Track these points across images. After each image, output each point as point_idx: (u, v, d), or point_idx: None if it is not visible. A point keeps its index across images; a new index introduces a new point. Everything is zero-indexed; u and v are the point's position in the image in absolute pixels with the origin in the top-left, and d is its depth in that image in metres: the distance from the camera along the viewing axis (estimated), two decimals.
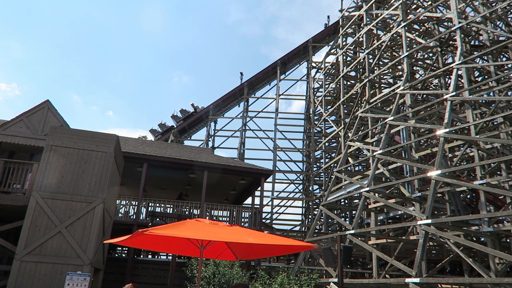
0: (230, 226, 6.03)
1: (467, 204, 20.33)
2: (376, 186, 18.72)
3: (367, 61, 25.00)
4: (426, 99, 25.35)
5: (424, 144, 23.70)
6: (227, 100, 37.83)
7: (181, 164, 19.36)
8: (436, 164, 15.65)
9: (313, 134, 35.35)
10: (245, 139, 36.55)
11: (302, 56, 39.99)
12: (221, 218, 21.73)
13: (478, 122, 17.24)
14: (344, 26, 30.83)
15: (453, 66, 18.46)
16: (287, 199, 36.53)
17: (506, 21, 22.67)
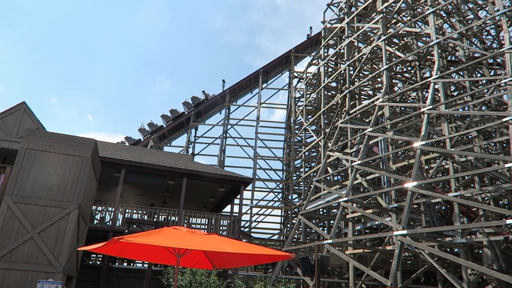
0: (208, 235, 5.98)
1: (441, 215, 20.76)
2: (354, 196, 18.93)
3: (348, 73, 25.41)
4: (404, 111, 25.90)
5: (401, 156, 24.16)
6: (209, 107, 37.76)
7: (160, 171, 19.13)
8: (412, 175, 15.95)
9: (293, 143, 35.57)
10: (225, 147, 36.50)
11: (284, 65, 40.35)
12: (200, 225, 21.52)
13: (453, 136, 17.72)
14: (326, 38, 31.29)
15: (430, 80, 18.95)
16: (266, 208, 36.53)
17: (481, 38, 23.48)
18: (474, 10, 24.56)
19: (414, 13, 24.38)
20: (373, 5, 26.44)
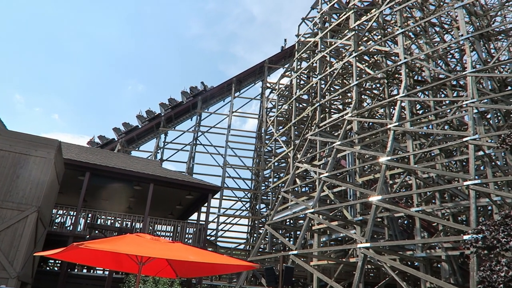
0: (172, 243, 5.89)
1: (404, 229, 21.34)
2: (321, 208, 19.17)
3: (319, 86, 25.90)
4: (371, 127, 26.60)
5: (367, 170, 24.73)
6: (180, 113, 37.36)
7: (126, 175, 18.68)
8: (377, 190, 16.35)
9: (263, 153, 35.71)
10: (195, 154, 36.17)
11: (257, 75, 40.63)
12: (165, 233, 21.12)
13: (417, 152, 18.35)
14: (300, 51, 31.82)
15: (397, 98, 19.59)
16: (233, 217, 36.34)
17: (446, 60, 24.56)
18: (441, 34, 25.71)
19: (384, 32, 25.23)
20: (346, 22, 27.17)
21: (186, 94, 37.11)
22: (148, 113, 36.20)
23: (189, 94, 37.09)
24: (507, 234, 5.77)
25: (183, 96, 37.15)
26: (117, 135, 35.01)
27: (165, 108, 36.37)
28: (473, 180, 13.85)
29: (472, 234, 6.50)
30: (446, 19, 27.11)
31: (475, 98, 16.02)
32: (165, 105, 36.47)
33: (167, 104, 36.52)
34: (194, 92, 37.16)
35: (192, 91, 37.28)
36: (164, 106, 36.40)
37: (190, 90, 37.42)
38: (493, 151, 16.59)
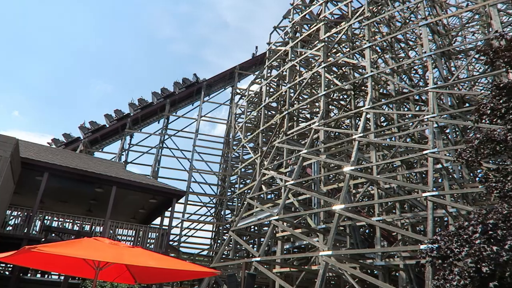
0: (132, 248, 5.75)
1: (365, 238, 21.83)
2: (285, 216, 19.30)
3: (288, 95, 26.20)
4: (337, 136, 27.14)
5: (332, 179, 25.17)
6: (147, 115, 36.67)
7: (88, 177, 18.09)
8: (340, 198, 16.65)
9: (230, 159, 35.61)
10: (161, 157, 35.59)
11: (228, 81, 40.60)
12: (126, 237, 20.56)
13: (380, 163, 18.87)
14: (270, 59, 32.11)
15: (363, 109, 20.12)
16: (197, 222, 35.93)
17: (409, 76, 25.52)
18: (406, 50, 26.70)
19: (353, 45, 25.92)
20: (317, 33, 27.72)
21: (157, 95, 36.53)
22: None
23: (160, 95, 36.55)
24: (460, 244, 6.01)
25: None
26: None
27: (135, 108, 35.64)
28: (431, 191, 14.37)
29: (428, 244, 6.73)
30: (411, 36, 28.23)
31: (436, 113, 16.70)
32: (135, 105, 35.74)
33: (136, 105, 35.81)
34: (165, 93, 36.64)
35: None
36: (133, 106, 35.66)
37: (182, 81, 37.16)
38: (450, 165, 17.32)
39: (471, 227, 6.06)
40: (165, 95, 36.54)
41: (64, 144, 32.94)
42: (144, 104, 35.99)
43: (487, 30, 24.65)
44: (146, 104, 36.07)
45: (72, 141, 33.64)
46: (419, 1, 20.73)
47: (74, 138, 33.78)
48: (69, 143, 33.27)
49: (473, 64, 30.49)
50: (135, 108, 35.57)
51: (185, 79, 37.86)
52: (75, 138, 33.84)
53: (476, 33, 30.54)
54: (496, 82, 7.23)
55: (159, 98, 36.39)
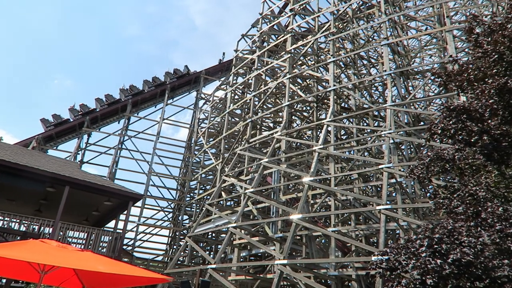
0: (81, 251, 5.54)
1: (320, 248, 22.21)
2: (243, 223, 19.30)
3: (253, 103, 26.36)
4: (299, 147, 27.57)
5: (291, 188, 25.49)
6: (107, 114, 35.58)
7: (40, 175, 17.23)
8: (298, 208, 16.89)
9: (191, 164, 35.22)
10: (119, 158, 34.59)
11: (193, 85, 40.28)
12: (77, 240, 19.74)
13: (338, 175, 19.35)
14: (237, 66, 32.24)
15: (324, 122, 20.59)
16: (154, 227, 35.11)
17: (370, 92, 26.45)
18: (368, 67, 27.70)
19: (318, 59, 26.54)
20: (283, 44, 28.16)
21: (125, 92, 35.59)
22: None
23: (128, 92, 35.61)
24: (408, 257, 6.26)
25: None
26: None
27: (101, 104, 34.55)
28: (385, 205, 14.90)
29: (378, 255, 6.95)
30: (373, 54, 29.30)
31: (392, 129, 17.38)
32: (101, 101, 34.66)
33: (103, 100, 34.75)
34: (134, 91, 35.79)
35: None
36: (100, 102, 34.56)
37: (152, 79, 36.56)
38: (403, 180, 18.05)
39: (419, 240, 6.33)
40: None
41: (53, 125, 31.73)
42: (112, 100, 35.01)
43: (443, 54, 26.07)
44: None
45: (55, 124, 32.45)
46: (382, 22, 21.61)
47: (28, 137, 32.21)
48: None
49: (429, 85, 32.07)
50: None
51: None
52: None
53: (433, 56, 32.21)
54: (447, 104, 7.66)
55: (127, 96, 35.53)
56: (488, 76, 8.06)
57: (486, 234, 5.92)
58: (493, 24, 8.55)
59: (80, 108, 34.06)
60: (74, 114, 33.74)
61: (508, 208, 6.34)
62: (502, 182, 7.79)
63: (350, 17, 26.75)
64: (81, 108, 34.07)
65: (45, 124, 32.70)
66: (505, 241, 5.76)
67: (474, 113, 7.25)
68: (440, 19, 24.78)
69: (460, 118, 7.34)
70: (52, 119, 33.03)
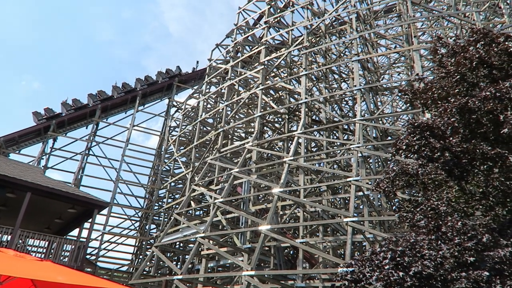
0: (40, 261, 5.32)
1: (288, 259, 22.28)
2: (212, 233, 19.11)
3: (225, 112, 26.36)
4: (270, 158, 27.71)
5: (261, 199, 25.52)
6: (74, 119, 34.61)
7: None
8: (267, 219, 16.91)
9: (160, 172, 34.70)
10: (85, 165, 33.65)
11: (165, 92, 39.89)
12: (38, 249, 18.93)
13: (307, 187, 19.56)
14: (210, 75, 32.21)
15: (295, 134, 20.83)
16: (119, 236, 34.20)
17: (340, 106, 27.05)
18: (338, 81, 28.34)
19: (290, 71, 26.94)
20: (257, 55, 28.43)
21: (94, 97, 34.75)
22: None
23: (97, 98, 34.80)
24: (372, 269, 6.39)
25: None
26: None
27: (67, 109, 33.57)
28: (352, 217, 15.15)
29: (344, 267, 7.05)
30: (344, 69, 30.06)
31: (361, 143, 17.79)
32: (68, 105, 33.66)
33: (70, 105, 33.77)
34: (102, 96, 35.01)
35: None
36: (67, 106, 33.56)
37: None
38: (370, 193, 18.44)
39: (382, 253, 6.48)
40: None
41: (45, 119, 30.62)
42: (79, 105, 34.09)
43: (410, 71, 27.03)
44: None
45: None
46: (353, 38, 22.23)
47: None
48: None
49: (397, 101, 33.12)
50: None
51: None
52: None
53: (401, 73, 33.40)
54: (412, 121, 7.94)
55: (95, 101, 34.70)
56: (450, 95, 8.44)
57: (445, 248, 6.13)
58: (456, 46, 8.99)
59: (44, 112, 33.01)
60: (38, 118, 32.66)
61: (466, 223, 6.60)
62: (462, 197, 8.12)
63: (323, 32, 27.39)
64: (46, 112, 33.02)
65: (37, 117, 31.78)
66: (463, 254, 5.98)
67: (437, 131, 7.54)
68: (408, 39, 25.74)
69: (424, 134, 7.62)
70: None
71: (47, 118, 32.78)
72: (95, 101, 34.66)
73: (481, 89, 7.51)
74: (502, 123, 6.72)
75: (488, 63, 8.11)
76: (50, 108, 33.29)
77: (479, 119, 7.26)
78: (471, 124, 7.40)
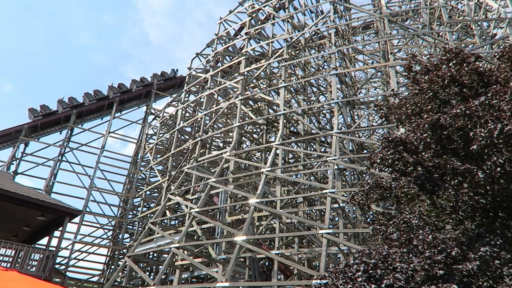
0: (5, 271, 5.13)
1: (263, 271, 22.15)
2: (187, 244, 18.85)
3: (203, 122, 26.26)
4: (247, 168, 27.70)
5: (238, 209, 25.41)
6: (47, 124, 33.68)
7: None
8: (243, 230, 16.83)
9: (136, 180, 34.12)
10: (58, 171, 32.76)
11: (143, 99, 39.46)
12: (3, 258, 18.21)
13: (284, 198, 19.62)
14: (189, 84, 32.11)
15: (273, 145, 20.92)
16: (91, 245, 33.26)
17: (318, 118, 27.39)
18: (317, 94, 28.75)
19: (270, 83, 27.16)
20: (237, 66, 28.56)
21: (63, 103, 33.98)
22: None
23: (67, 104, 34.05)
24: (345, 281, 6.44)
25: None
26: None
27: (34, 115, 32.63)
28: (327, 229, 15.26)
29: (318, 279, 7.08)
30: (322, 83, 30.54)
31: (337, 155, 18.02)
32: (35, 111, 32.73)
33: (37, 111, 32.84)
34: (73, 103, 34.28)
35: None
36: (34, 112, 32.62)
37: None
38: (346, 205, 18.65)
39: (355, 265, 6.55)
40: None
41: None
42: (48, 111, 33.20)
43: (386, 87, 27.72)
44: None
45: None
46: (331, 52, 22.66)
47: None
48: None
49: (373, 115, 33.84)
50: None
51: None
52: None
53: (378, 88, 34.18)
54: (386, 135, 8.12)
55: (65, 107, 33.90)
56: (423, 111, 8.68)
57: (416, 261, 6.25)
58: (430, 64, 9.29)
59: (28, 111, 32.22)
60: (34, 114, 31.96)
61: (437, 236, 6.76)
62: (433, 211, 8.32)
63: (303, 45, 27.81)
64: (30, 111, 32.27)
65: (33, 114, 30.85)
66: (433, 267, 6.10)
67: (410, 145, 7.73)
68: (385, 55, 26.46)
69: (398, 149, 7.80)
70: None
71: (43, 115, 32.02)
72: (65, 108, 33.86)
73: (452, 107, 7.77)
74: (471, 140, 6.96)
75: (459, 82, 8.41)
76: (34, 108, 32.58)
77: (450, 135, 7.49)
78: (442, 140, 7.62)
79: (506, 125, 6.46)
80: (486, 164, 6.84)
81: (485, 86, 8.15)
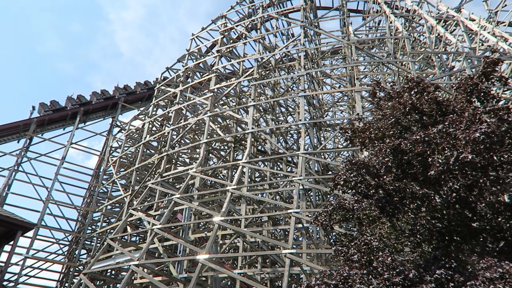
0: None
1: None
2: (147, 261, 18.30)
3: (170, 136, 25.93)
4: (213, 185, 27.46)
5: (202, 227, 25.02)
6: (5, 132, 32.17)
7: None
8: (206, 248, 16.57)
9: (96, 194, 33.01)
10: (13, 181, 31.17)
11: (109, 111, 38.59)
12: None
13: (249, 217, 19.55)
14: (158, 98, 31.77)
15: (240, 163, 20.91)
16: (44, 261, 31.60)
17: (285, 138, 27.74)
18: (285, 114, 29.18)
19: (239, 101, 27.35)
20: (207, 82, 28.61)
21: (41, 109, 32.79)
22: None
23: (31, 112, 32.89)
24: None
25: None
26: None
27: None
28: (290, 249, 15.28)
29: None
30: (291, 103, 31.05)
31: (303, 176, 18.24)
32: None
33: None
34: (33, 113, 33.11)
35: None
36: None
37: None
38: (310, 225, 18.79)
39: (317, 286, 6.59)
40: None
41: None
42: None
43: (352, 111, 28.56)
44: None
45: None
46: (301, 75, 23.17)
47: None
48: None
49: (339, 138, 34.63)
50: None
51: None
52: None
53: (344, 111, 35.14)
54: (350, 158, 8.35)
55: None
56: (386, 136, 9.02)
57: (376, 282, 6.37)
58: (393, 92, 9.70)
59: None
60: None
61: (396, 258, 6.94)
62: (393, 233, 8.55)
63: (273, 66, 28.31)
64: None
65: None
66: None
67: (372, 169, 7.98)
68: (352, 80, 27.36)
69: (360, 172, 8.02)
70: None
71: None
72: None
73: (413, 133, 8.12)
74: (430, 165, 7.27)
75: (420, 109, 8.82)
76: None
77: (410, 160, 7.81)
78: (403, 164, 7.92)
79: (461, 153, 6.80)
80: (442, 190, 7.16)
81: (443, 115, 8.59)
